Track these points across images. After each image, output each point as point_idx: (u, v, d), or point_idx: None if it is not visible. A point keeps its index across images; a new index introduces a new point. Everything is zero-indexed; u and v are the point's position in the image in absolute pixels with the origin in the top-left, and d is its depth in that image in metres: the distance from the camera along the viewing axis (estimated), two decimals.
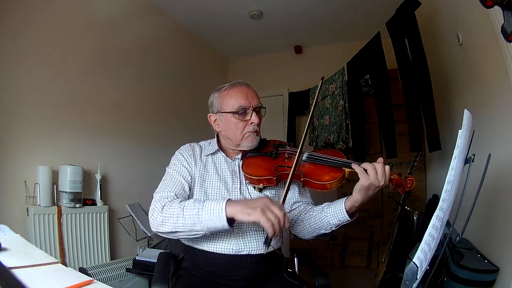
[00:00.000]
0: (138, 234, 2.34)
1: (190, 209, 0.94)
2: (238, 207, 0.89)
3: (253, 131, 1.15)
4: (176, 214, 0.95)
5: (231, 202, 0.91)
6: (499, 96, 1.51)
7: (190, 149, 1.19)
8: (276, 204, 0.88)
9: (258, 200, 0.90)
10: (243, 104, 1.12)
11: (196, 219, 0.93)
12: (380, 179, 0.95)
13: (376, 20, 2.51)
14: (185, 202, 0.98)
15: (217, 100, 1.17)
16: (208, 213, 0.91)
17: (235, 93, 1.13)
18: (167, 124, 3.03)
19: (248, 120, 1.13)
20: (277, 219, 0.86)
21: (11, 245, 0.76)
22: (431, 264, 0.72)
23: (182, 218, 0.94)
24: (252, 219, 0.87)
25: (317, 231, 1.12)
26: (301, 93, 3.64)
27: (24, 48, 1.86)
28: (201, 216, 0.92)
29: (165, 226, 0.97)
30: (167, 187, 1.07)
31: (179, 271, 1.13)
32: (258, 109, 1.15)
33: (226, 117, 1.14)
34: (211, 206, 0.92)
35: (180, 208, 0.95)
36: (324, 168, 1.06)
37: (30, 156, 1.87)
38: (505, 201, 1.44)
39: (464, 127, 0.74)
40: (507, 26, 0.77)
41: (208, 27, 3.31)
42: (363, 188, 0.97)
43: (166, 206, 0.99)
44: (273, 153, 1.16)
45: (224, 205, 0.90)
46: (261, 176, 1.09)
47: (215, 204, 0.92)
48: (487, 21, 1.41)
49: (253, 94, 1.15)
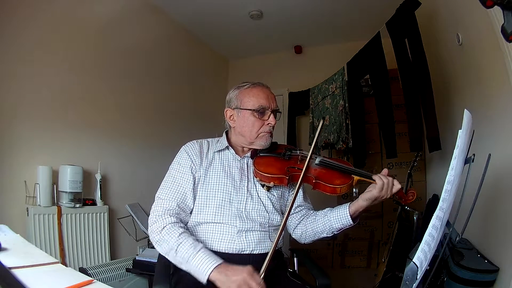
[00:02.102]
0: (138, 234, 2.34)
1: (184, 251, 0.97)
2: (220, 276, 0.91)
3: (268, 132, 1.17)
4: (170, 247, 0.99)
5: (218, 269, 0.92)
6: (499, 96, 1.51)
7: (197, 146, 1.19)
8: (255, 280, 0.89)
9: (239, 273, 0.90)
10: (263, 104, 1.14)
11: (184, 262, 0.97)
12: (388, 193, 1.04)
13: (376, 20, 2.50)
14: (183, 238, 0.99)
15: (237, 96, 1.18)
16: (196, 266, 0.93)
17: (257, 93, 1.16)
18: (167, 124, 3.03)
19: (266, 120, 1.16)
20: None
21: (11, 245, 0.76)
22: (431, 264, 0.72)
23: (173, 253, 0.98)
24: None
25: (319, 235, 1.15)
26: (301, 93, 3.64)
27: (24, 48, 1.86)
28: (189, 263, 0.95)
29: (159, 248, 1.02)
30: (169, 194, 1.08)
31: (180, 271, 1.13)
32: (275, 111, 1.18)
33: (244, 113, 1.16)
34: (201, 262, 0.93)
35: (176, 243, 0.98)
36: (335, 173, 1.11)
37: (30, 156, 1.87)
38: (505, 201, 1.44)
39: (464, 127, 0.74)
40: (507, 26, 0.77)
41: (208, 27, 3.31)
42: (372, 198, 1.04)
43: (166, 229, 1.01)
44: (286, 154, 1.18)
45: (211, 269, 0.91)
46: (274, 174, 1.11)
47: (205, 262, 0.93)
48: (487, 21, 1.41)
49: (273, 97, 1.19)
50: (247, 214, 1.10)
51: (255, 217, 1.11)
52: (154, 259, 1.72)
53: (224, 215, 1.09)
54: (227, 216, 1.09)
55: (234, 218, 1.08)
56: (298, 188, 1.04)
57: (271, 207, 1.15)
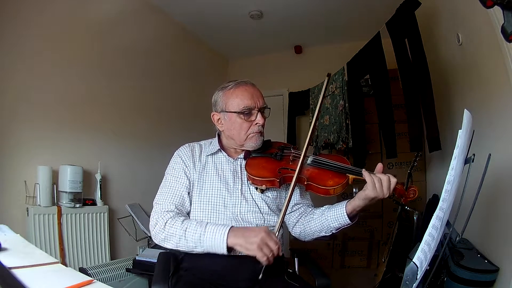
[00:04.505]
0: (138, 234, 2.34)
1: (192, 232, 0.97)
2: (238, 240, 0.93)
3: (257, 132, 1.14)
4: (178, 235, 0.98)
5: (233, 232, 0.94)
6: (499, 96, 1.51)
7: (189, 150, 1.18)
8: (272, 238, 0.92)
9: (257, 233, 0.92)
10: (248, 105, 1.10)
11: (197, 243, 0.96)
12: (385, 192, 0.98)
13: (376, 20, 2.51)
14: (187, 222, 1.00)
15: (221, 99, 1.14)
16: (210, 240, 0.94)
17: (240, 93, 1.11)
18: (167, 124, 3.03)
19: (253, 120, 1.12)
20: (271, 253, 0.91)
21: (11, 245, 0.76)
22: (431, 264, 0.72)
23: (184, 240, 0.97)
24: (250, 254, 0.92)
25: (317, 234, 1.13)
26: (301, 93, 3.64)
27: (24, 48, 1.86)
28: (202, 241, 0.95)
29: (167, 244, 1.00)
30: (167, 198, 1.08)
31: (179, 271, 1.13)
32: (263, 109, 1.14)
33: (230, 116, 1.12)
34: (213, 234, 0.94)
35: (183, 230, 0.98)
36: (328, 173, 1.06)
37: (30, 156, 1.87)
38: (505, 201, 1.44)
39: (464, 127, 0.74)
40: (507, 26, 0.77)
41: (208, 27, 3.31)
42: (367, 198, 0.99)
43: (168, 223, 1.00)
44: (278, 155, 1.15)
45: (226, 235, 0.93)
46: (265, 177, 1.08)
47: (217, 232, 0.94)
48: (487, 21, 1.41)
49: (258, 94, 1.14)
50: (242, 217, 1.09)
51: (251, 219, 1.10)
52: (154, 259, 1.72)
53: (219, 219, 1.08)
54: (222, 220, 1.08)
55: (230, 222, 1.08)
56: (291, 191, 1.02)
57: (266, 209, 1.12)
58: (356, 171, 1.04)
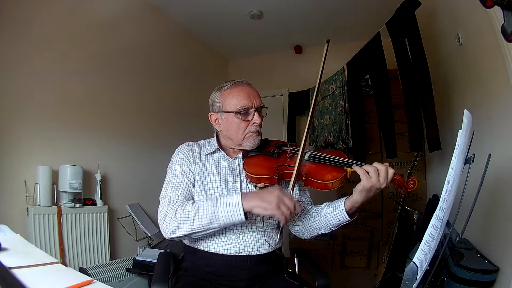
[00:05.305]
0: (138, 234, 2.34)
1: (205, 208, 0.97)
2: (254, 202, 0.93)
3: (255, 131, 1.14)
4: (191, 216, 0.97)
5: (246, 196, 0.95)
6: (499, 96, 1.51)
7: (189, 148, 1.19)
8: (287, 195, 0.93)
9: (271, 192, 0.94)
10: (245, 104, 1.11)
11: (212, 217, 0.95)
12: (382, 181, 0.95)
13: (376, 20, 2.50)
14: (197, 203, 1.00)
15: (218, 99, 1.15)
16: (225, 210, 0.94)
17: (237, 93, 1.12)
18: (167, 124, 3.03)
19: (250, 120, 1.13)
20: (289, 210, 0.92)
21: (11, 245, 0.76)
22: (431, 264, 0.72)
23: (198, 219, 0.96)
24: (268, 213, 0.93)
25: (317, 231, 1.13)
26: (301, 93, 3.64)
27: (24, 48, 1.86)
28: (217, 213, 0.95)
29: (181, 230, 0.98)
30: (173, 191, 1.07)
31: (179, 271, 1.13)
32: (260, 109, 1.15)
33: (227, 116, 1.13)
34: (227, 203, 0.95)
35: (195, 209, 0.97)
36: (326, 167, 1.07)
37: (30, 156, 1.87)
38: (505, 201, 1.44)
39: (464, 127, 0.74)
40: (507, 26, 0.77)
41: (208, 27, 3.31)
42: (364, 189, 0.97)
43: (178, 210, 0.99)
44: (275, 152, 1.16)
45: (240, 200, 0.93)
46: (262, 175, 1.08)
47: (231, 200, 0.95)
48: (487, 21, 1.41)
49: (255, 94, 1.14)
50: None
51: (250, 218, 1.10)
52: (154, 259, 1.72)
53: None
54: None
55: None
56: (292, 187, 1.02)
57: None
58: (350, 164, 1.03)
